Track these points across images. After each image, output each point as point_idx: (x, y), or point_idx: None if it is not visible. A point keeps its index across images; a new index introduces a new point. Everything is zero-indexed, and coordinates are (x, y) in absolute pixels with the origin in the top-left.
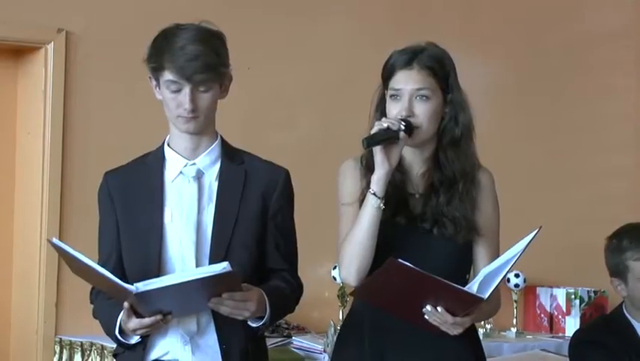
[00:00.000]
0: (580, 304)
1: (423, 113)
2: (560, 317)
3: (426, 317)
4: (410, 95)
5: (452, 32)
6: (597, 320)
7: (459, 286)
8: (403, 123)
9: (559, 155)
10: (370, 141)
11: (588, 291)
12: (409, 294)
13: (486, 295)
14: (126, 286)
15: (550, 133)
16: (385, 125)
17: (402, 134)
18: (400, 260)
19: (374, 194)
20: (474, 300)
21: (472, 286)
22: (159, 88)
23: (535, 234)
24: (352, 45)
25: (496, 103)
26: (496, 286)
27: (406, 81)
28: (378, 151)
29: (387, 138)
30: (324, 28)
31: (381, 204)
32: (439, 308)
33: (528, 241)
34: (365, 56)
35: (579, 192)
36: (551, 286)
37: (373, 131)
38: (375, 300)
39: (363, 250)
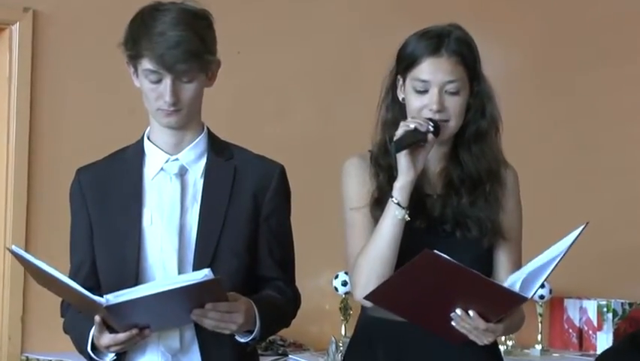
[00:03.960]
0: (613, 318)
1: (453, 108)
2: (591, 332)
3: (453, 323)
4: (440, 88)
5: (466, 16)
6: (626, 337)
7: (501, 284)
8: (431, 124)
9: (587, 150)
10: (399, 146)
11: (622, 303)
12: (437, 294)
13: (529, 295)
14: (95, 298)
15: (576, 126)
16: (412, 126)
17: (430, 136)
18: (436, 252)
19: (398, 203)
20: (515, 300)
21: (514, 285)
22: (137, 76)
23: (582, 229)
24: (354, 27)
25: (515, 93)
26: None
27: (435, 71)
28: (402, 156)
29: (415, 141)
30: (322, 9)
31: (406, 215)
32: (470, 312)
33: (574, 237)
34: (368, 39)
35: (610, 192)
36: (580, 298)
37: (399, 133)
38: (393, 304)
39: (384, 267)
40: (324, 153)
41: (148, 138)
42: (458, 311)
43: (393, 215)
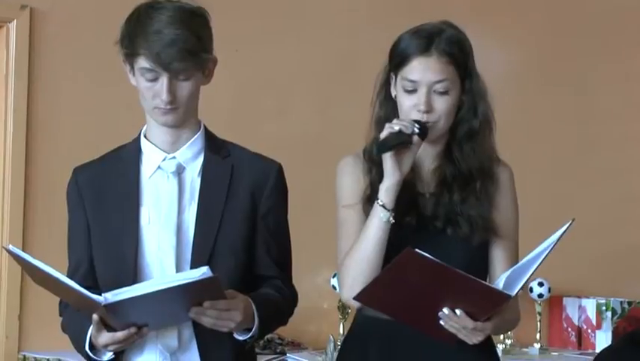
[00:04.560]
0: (612, 317)
1: (442, 109)
2: (590, 331)
3: (441, 322)
4: (428, 88)
5: (466, 13)
6: (625, 336)
7: (484, 282)
8: (417, 126)
9: (587, 147)
10: (382, 148)
11: (621, 302)
12: (424, 293)
13: (513, 293)
14: (94, 297)
15: (577, 123)
16: (397, 128)
17: (415, 138)
18: (418, 250)
19: (383, 206)
20: (500, 298)
21: (498, 283)
22: (134, 75)
23: (568, 227)
24: (353, 25)
25: (516, 90)
26: (522, 286)
27: (424, 71)
28: (387, 158)
29: (399, 143)
30: (321, 6)
31: (391, 218)
32: (457, 311)
33: (559, 234)
34: (368, 37)
35: (611, 189)
36: (579, 297)
37: (383, 134)
38: (381, 304)
39: (370, 268)
40: (323, 151)
41: (144, 137)
42: (445, 310)
43: (379, 217)
